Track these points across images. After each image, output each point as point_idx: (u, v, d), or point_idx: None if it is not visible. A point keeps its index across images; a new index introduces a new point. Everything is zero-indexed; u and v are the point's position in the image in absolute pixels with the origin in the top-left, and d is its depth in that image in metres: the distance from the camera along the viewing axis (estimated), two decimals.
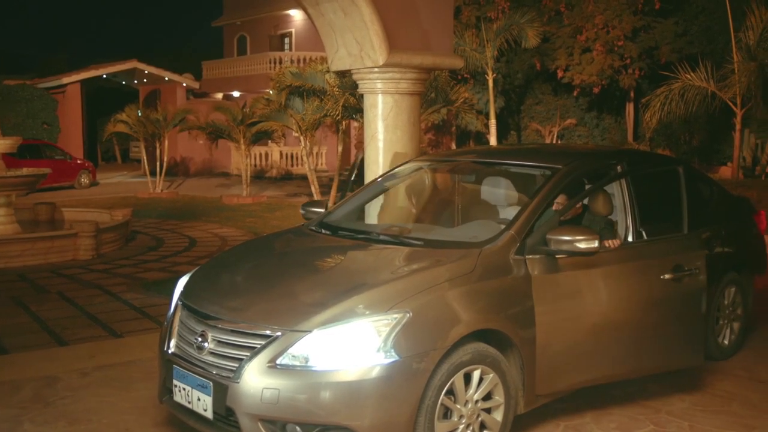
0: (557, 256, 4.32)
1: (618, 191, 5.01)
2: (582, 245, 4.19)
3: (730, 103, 15.29)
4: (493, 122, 20.72)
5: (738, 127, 15.42)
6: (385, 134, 7.05)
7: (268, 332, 3.74)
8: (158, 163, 21.18)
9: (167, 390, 4.16)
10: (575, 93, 22.37)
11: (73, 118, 29.09)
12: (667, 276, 4.82)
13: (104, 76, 31.22)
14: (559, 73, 21.50)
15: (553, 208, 4.88)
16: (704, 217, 5.71)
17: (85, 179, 23.69)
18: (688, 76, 15.26)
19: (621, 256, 4.74)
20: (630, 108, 22.60)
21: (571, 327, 4.39)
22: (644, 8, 20.07)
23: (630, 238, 4.88)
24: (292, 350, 3.65)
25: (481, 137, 24.06)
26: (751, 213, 6.55)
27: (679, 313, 4.93)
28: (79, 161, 24.43)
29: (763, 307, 7.11)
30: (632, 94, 22.16)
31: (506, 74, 23.42)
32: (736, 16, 15.32)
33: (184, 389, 3.97)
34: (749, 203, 6.79)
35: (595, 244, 4.21)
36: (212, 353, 3.88)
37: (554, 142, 23.01)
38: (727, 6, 15.41)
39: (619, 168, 5.02)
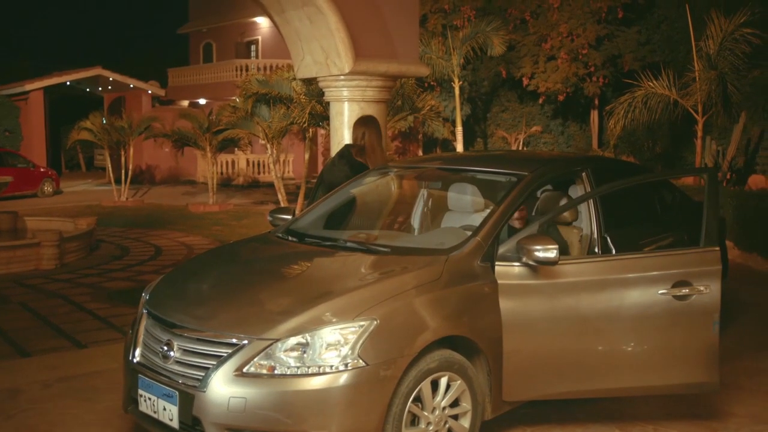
0: (525, 264, 4.26)
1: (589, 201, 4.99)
2: (540, 255, 4.13)
3: (692, 111, 15.53)
4: (459, 129, 20.84)
5: (699, 134, 15.67)
6: (351, 142, 7.05)
7: (234, 341, 3.72)
8: (123, 171, 20.97)
9: (132, 400, 4.11)
10: (540, 100, 22.59)
11: (36, 126, 28.69)
12: (648, 289, 4.42)
13: (68, 83, 30.84)
14: (525, 81, 21.70)
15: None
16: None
17: (48, 187, 23.38)
18: (651, 84, 15.49)
19: (593, 268, 4.51)
20: (594, 115, 22.87)
21: (540, 336, 4.30)
22: (608, 17, 20.35)
23: (597, 250, 4.88)
24: (258, 359, 3.63)
25: (448, 144, 24.18)
26: None
27: (670, 332, 4.46)
28: (42, 169, 24.10)
29: (724, 313, 7.21)
30: (596, 102, 22.44)
31: (472, 82, 23.57)
32: (697, 26, 15.59)
33: (149, 399, 3.93)
34: None
35: (553, 254, 4.12)
36: (178, 362, 3.85)
37: (520, 149, 23.19)
38: (688, 16, 15.68)
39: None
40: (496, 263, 4.27)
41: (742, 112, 15.19)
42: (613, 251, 4.84)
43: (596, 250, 4.87)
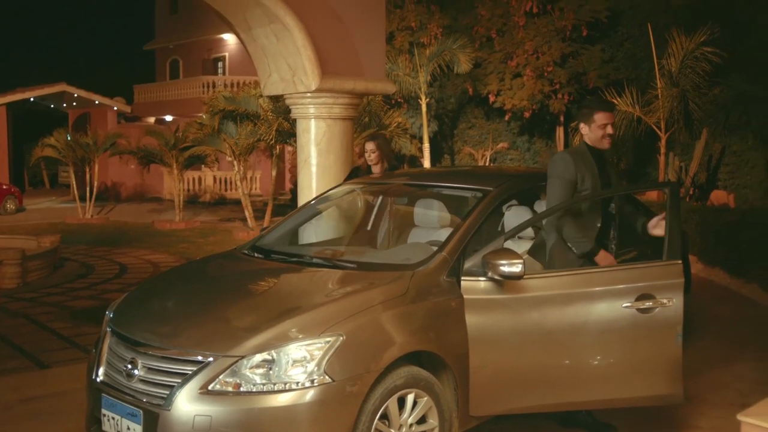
0: (491, 279, 4.27)
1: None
2: (505, 269, 4.15)
3: (655, 128, 15.77)
4: (426, 146, 20.94)
5: (663, 150, 15.89)
6: (318, 159, 7.07)
7: (199, 358, 3.68)
8: (88, 188, 20.74)
9: (95, 420, 4.05)
10: (507, 117, 22.74)
11: None
12: (612, 302, 4.44)
13: (32, 99, 30.46)
14: (491, 98, 21.85)
15: None
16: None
17: (11, 205, 23.04)
18: (615, 101, 15.70)
19: (559, 282, 4.51)
20: (560, 132, 23.07)
21: (506, 350, 4.32)
22: (572, 35, 20.60)
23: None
24: (224, 376, 3.60)
25: (415, 161, 24.24)
26: None
27: (634, 345, 4.49)
28: (4, 186, 23.75)
29: (687, 327, 7.31)
30: (562, 119, 22.64)
31: (439, 99, 23.71)
32: (659, 44, 15.85)
33: (113, 418, 3.88)
34: None
35: (518, 269, 4.14)
36: (142, 380, 3.80)
37: (487, 165, 23.33)
38: (650, 34, 15.94)
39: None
40: (462, 278, 4.29)
41: (703, 128, 15.46)
42: None
43: None
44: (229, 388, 3.59)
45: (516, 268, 4.13)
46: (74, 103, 31.25)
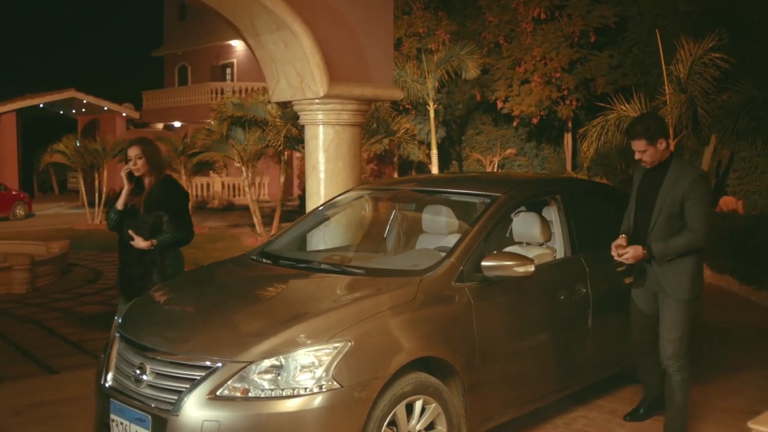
0: (498, 283, 4.38)
1: (555, 217, 5.13)
2: (519, 269, 4.27)
3: None
4: (434, 152, 20.93)
5: None
6: (326, 165, 7.06)
7: (208, 363, 3.69)
8: (97, 194, 20.80)
9: (104, 425, 4.05)
10: (515, 123, 22.73)
11: (8, 148, 28.45)
12: (564, 292, 4.97)
13: (41, 105, 30.62)
14: (499, 104, 21.84)
15: None
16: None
17: (20, 210, 23.14)
18: (623, 107, 15.65)
19: (554, 279, 4.95)
20: (568, 138, 23.04)
21: (511, 351, 4.48)
22: (580, 41, 20.58)
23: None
24: (232, 381, 3.60)
25: (423, 167, 24.26)
26: None
27: (576, 329, 5.09)
28: (14, 192, 23.88)
29: (698, 336, 7.28)
30: (570, 125, 22.61)
31: (447, 105, 23.72)
32: (667, 50, 15.81)
33: (121, 423, 3.89)
34: None
35: (531, 267, 4.29)
36: (151, 386, 3.81)
37: (495, 171, 23.30)
38: (659, 40, 15.90)
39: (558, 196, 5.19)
40: (471, 283, 4.31)
41: (712, 134, 15.40)
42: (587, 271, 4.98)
43: None
44: (238, 394, 3.59)
45: (530, 267, 4.31)
46: (83, 110, 31.40)
